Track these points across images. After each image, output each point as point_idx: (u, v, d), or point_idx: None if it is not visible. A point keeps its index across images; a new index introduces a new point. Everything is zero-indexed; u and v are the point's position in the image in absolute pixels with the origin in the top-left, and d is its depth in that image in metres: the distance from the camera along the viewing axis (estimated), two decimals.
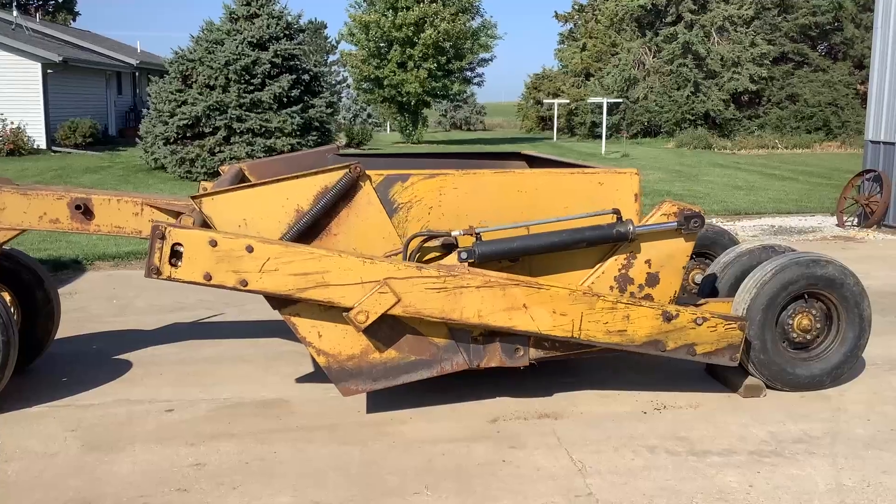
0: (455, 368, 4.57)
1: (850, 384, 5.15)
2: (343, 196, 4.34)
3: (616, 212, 4.57)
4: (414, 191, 4.45)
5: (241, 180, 5.24)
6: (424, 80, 32.22)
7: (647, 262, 4.65)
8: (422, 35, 31.77)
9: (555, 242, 4.50)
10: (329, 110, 19.36)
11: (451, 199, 4.49)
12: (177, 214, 4.86)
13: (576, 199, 4.59)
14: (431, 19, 31.87)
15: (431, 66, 32.26)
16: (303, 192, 4.32)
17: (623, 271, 4.63)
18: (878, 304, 5.99)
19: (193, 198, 4.33)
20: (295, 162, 5.94)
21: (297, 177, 4.34)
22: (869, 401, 4.90)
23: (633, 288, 4.66)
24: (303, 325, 4.39)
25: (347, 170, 4.32)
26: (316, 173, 4.34)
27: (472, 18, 34.99)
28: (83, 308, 7.10)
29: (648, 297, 4.67)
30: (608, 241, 4.56)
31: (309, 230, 4.33)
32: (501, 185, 4.54)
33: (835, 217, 12.05)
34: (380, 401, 4.84)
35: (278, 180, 4.34)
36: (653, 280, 4.68)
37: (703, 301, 5.21)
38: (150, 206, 4.92)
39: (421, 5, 32.01)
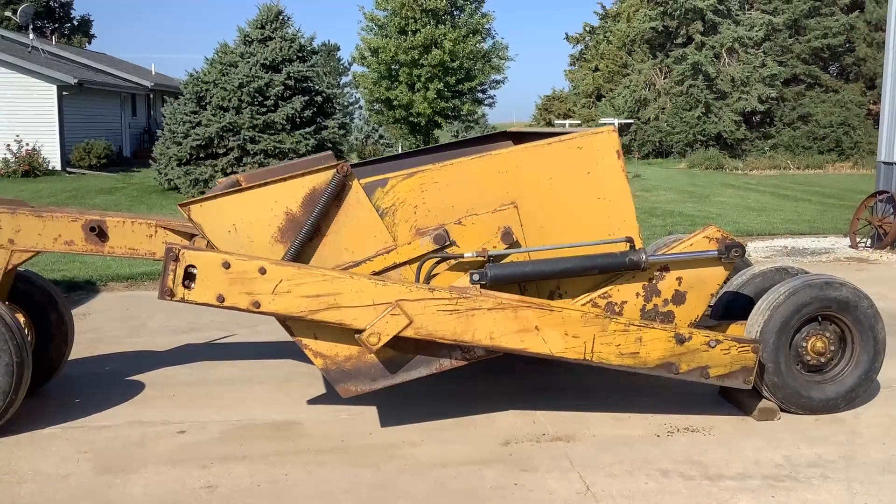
0: (454, 364, 4.54)
1: (865, 407, 5.11)
2: (335, 198, 4.33)
3: (629, 240, 4.57)
4: (395, 193, 4.43)
5: None
6: (433, 101, 32.39)
7: (679, 279, 4.64)
8: (428, 56, 32.00)
9: (567, 268, 4.49)
10: (342, 131, 19.47)
11: (434, 195, 4.45)
12: (190, 236, 4.89)
13: (558, 167, 4.53)
14: (439, 40, 32.10)
15: (439, 87, 32.44)
16: (291, 195, 4.31)
17: (653, 282, 4.62)
18: (892, 327, 5.94)
19: (181, 205, 4.31)
20: (290, 170, 5.91)
21: (285, 179, 4.31)
22: (884, 424, 4.86)
23: (658, 301, 4.64)
24: (298, 327, 4.37)
25: (335, 170, 4.29)
26: (303, 174, 4.31)
27: (483, 40, 35.22)
28: (96, 329, 7.13)
29: (670, 315, 4.65)
30: (620, 268, 4.55)
31: (306, 238, 4.31)
32: (481, 169, 4.49)
33: (848, 238, 11.99)
34: (391, 423, 4.84)
35: (265, 183, 4.31)
36: (679, 298, 4.66)
37: (716, 323, 5.19)
38: (165, 227, 4.95)
39: (428, 28, 32.26)
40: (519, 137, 6.01)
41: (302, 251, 4.33)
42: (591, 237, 4.58)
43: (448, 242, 4.43)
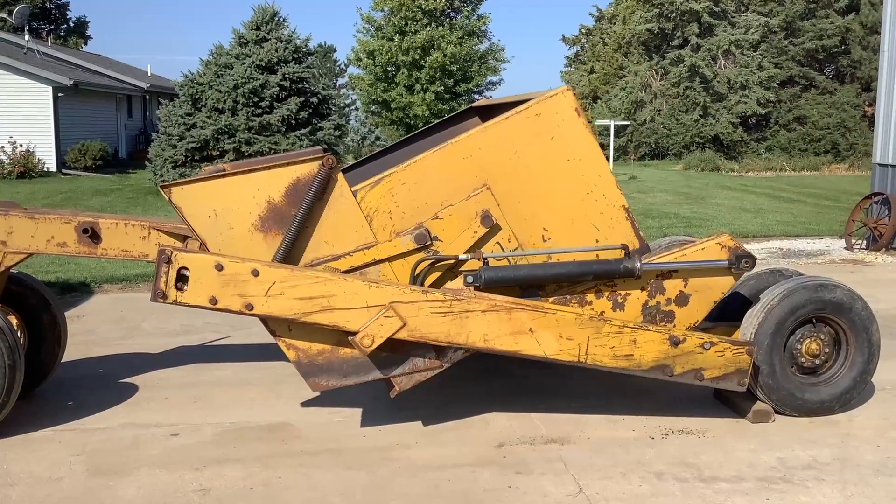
0: (428, 366, 4.51)
1: (860, 409, 5.11)
2: (322, 192, 4.29)
3: (624, 247, 4.56)
4: (367, 204, 4.39)
5: None
6: (431, 103, 32.42)
7: (685, 281, 4.64)
8: (428, 58, 32.03)
9: (561, 273, 4.48)
10: (337, 133, 19.45)
11: (404, 197, 4.41)
12: (184, 238, 4.88)
13: (521, 140, 4.45)
14: (438, 42, 32.13)
15: (438, 89, 32.49)
16: (274, 184, 4.27)
17: (660, 278, 4.61)
18: (886, 329, 5.95)
19: (163, 186, 4.26)
20: (276, 161, 5.81)
21: (269, 167, 4.28)
22: (878, 426, 4.86)
23: (661, 299, 4.63)
24: (273, 318, 4.33)
25: (320, 162, 4.25)
26: (287, 164, 4.27)
27: (480, 42, 35.25)
28: (90, 331, 7.11)
29: (671, 315, 4.65)
30: (614, 276, 4.54)
31: (295, 236, 4.26)
32: (445, 160, 4.42)
33: (843, 240, 12.00)
34: (385, 424, 4.82)
35: (249, 170, 4.27)
36: (682, 300, 4.65)
37: (710, 325, 5.18)
38: (158, 229, 4.93)
39: (428, 29, 32.30)
40: (488, 111, 5.85)
41: (295, 248, 4.30)
42: (569, 199, 4.51)
43: (429, 241, 4.40)
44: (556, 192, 4.52)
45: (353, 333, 4.25)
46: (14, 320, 5.14)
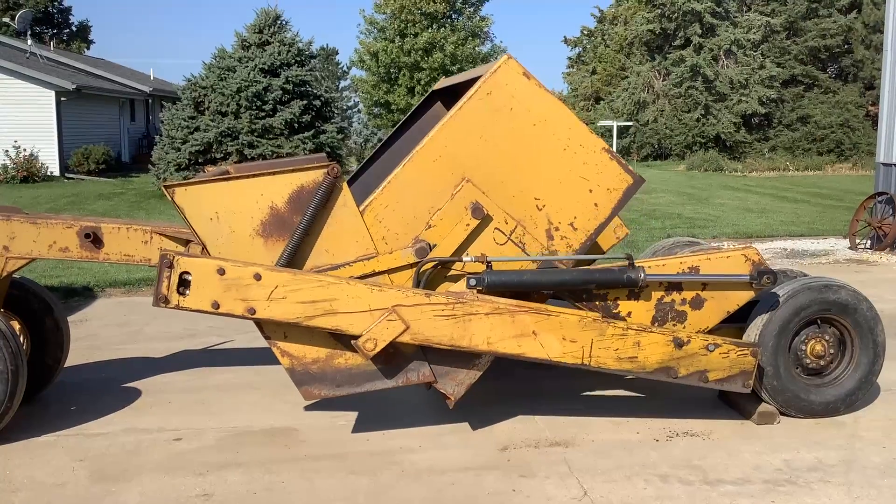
0: (421, 380, 4.48)
1: (865, 410, 5.08)
2: (326, 201, 4.27)
3: (629, 257, 4.55)
4: None
5: None
6: None
7: (704, 284, 4.62)
8: (429, 59, 32.06)
9: (565, 280, 4.47)
10: (340, 135, 19.46)
11: (392, 217, 4.38)
12: (186, 243, 4.87)
13: (482, 123, 4.39)
14: (440, 44, 32.16)
15: None
16: (277, 190, 4.25)
17: (678, 279, 4.59)
18: (891, 329, 5.93)
19: (166, 186, 4.24)
20: (280, 166, 5.79)
21: (273, 173, 4.26)
22: (884, 427, 4.83)
23: (677, 297, 4.62)
24: (269, 324, 4.30)
25: (326, 170, 4.23)
26: (293, 170, 4.25)
27: (482, 43, 35.28)
28: (93, 335, 7.11)
29: (683, 315, 4.64)
30: (617, 285, 4.53)
31: (299, 241, 4.25)
32: (417, 169, 4.37)
33: (847, 240, 11.97)
34: (389, 428, 4.81)
35: (254, 175, 4.26)
36: (697, 303, 4.63)
37: (715, 327, 5.15)
38: (160, 234, 4.93)
39: (429, 30, 32.34)
40: (449, 94, 5.73)
41: (296, 255, 4.29)
42: (549, 162, 4.45)
43: (429, 252, 4.38)
44: (534, 159, 4.46)
45: (356, 337, 4.23)
46: (16, 325, 5.14)
